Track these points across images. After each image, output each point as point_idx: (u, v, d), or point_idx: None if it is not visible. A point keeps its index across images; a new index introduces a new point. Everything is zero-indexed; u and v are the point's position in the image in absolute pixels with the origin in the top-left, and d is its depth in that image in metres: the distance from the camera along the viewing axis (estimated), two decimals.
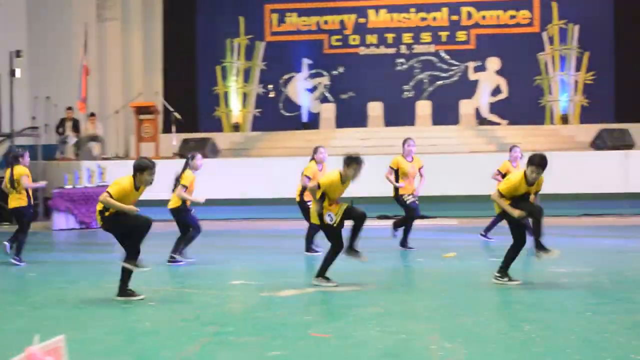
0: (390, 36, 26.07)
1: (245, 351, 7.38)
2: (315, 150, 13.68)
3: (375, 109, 25.07)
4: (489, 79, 25.76)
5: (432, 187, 12.66)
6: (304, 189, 13.38)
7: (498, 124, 24.91)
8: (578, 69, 25.40)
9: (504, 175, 13.73)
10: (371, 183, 15.45)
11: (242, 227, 18.29)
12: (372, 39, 26.16)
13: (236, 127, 26.09)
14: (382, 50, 26.17)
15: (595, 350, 7.22)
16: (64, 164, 20.39)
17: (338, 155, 20.51)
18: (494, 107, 25.53)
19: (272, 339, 7.80)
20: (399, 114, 24.76)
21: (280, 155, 21.83)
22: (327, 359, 7.10)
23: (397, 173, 13.73)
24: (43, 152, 20.73)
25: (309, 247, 13.50)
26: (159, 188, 14.25)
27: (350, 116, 25.21)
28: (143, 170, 9.71)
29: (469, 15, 25.85)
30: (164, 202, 12.95)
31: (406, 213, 13.88)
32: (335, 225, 10.30)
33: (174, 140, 21.35)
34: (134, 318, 8.91)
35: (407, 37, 26.02)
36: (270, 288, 10.29)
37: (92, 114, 22.25)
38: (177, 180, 12.65)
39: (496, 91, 25.70)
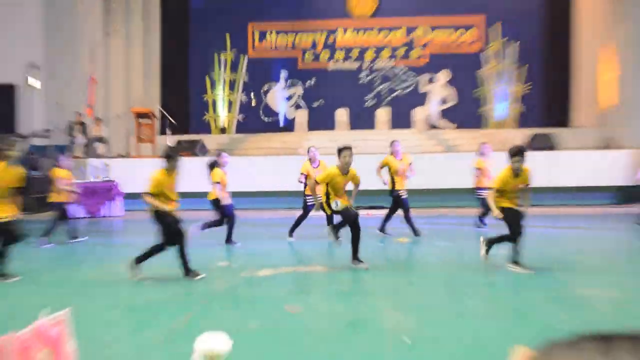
0: (355, 53, 26.10)
1: (228, 322, 7.40)
2: (308, 150, 13.80)
3: (342, 115, 25.10)
4: (439, 90, 25.84)
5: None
6: (306, 184, 13.51)
7: (446, 128, 24.98)
8: (516, 81, 25.53)
9: (480, 170, 13.94)
10: None
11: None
12: (339, 55, 26.18)
13: (223, 130, 26.05)
14: (348, 65, 26.19)
15: (525, 319, 7.32)
16: (74, 162, 20.27)
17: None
18: (443, 114, 25.62)
19: (251, 312, 7.84)
20: (362, 120, 24.83)
21: (260, 155, 21.82)
22: (299, 329, 7.14)
23: (390, 171, 13.84)
24: (55, 151, 20.62)
25: (291, 233, 13.61)
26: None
27: (321, 121, 25.25)
28: (169, 157, 9.77)
29: (423, 35, 25.90)
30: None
31: (392, 205, 14.00)
32: (340, 209, 10.15)
33: (169, 141, 21.31)
34: (131, 294, 8.93)
35: (369, 54, 26.07)
36: (251, 269, 10.32)
37: (98, 118, 22.23)
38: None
39: (445, 100, 25.77)
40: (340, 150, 10.35)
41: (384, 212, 14.64)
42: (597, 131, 22.17)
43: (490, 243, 10.35)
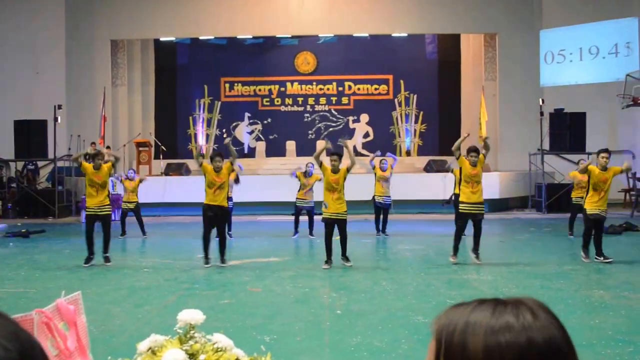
0: (300, 99, 26.18)
1: (206, 300, 7.39)
2: (306, 165, 13.54)
3: (290, 145, 25.13)
4: (362, 127, 26.05)
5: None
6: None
7: (367, 155, 25.19)
8: (416, 122, 25.91)
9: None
10: (281, 189, 15.55)
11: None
12: (289, 101, 26.22)
13: (202, 156, 25.88)
14: (295, 108, 26.26)
15: (425, 297, 7.45)
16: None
17: (267, 174, 20.66)
18: (365, 145, 25.84)
19: (223, 292, 7.83)
20: (306, 149, 24.85)
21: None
22: (258, 304, 7.16)
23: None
24: (75, 172, 20.33)
25: (311, 232, 13.23)
26: (150, 195, 14.16)
27: (275, 150, 25.24)
28: (211, 158, 9.84)
29: (349, 87, 26.15)
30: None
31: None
32: (323, 216, 9.52)
33: (161, 164, 21.13)
34: (133, 279, 8.84)
35: (310, 100, 26.17)
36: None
37: (108, 147, 21.91)
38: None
39: (366, 135, 26.00)
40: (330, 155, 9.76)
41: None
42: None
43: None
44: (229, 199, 10.46)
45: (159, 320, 6.37)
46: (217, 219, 9.77)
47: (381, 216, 13.64)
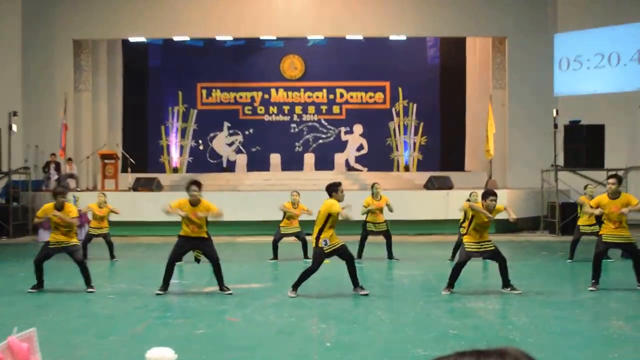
0: (286, 108, 26.30)
1: (179, 330, 7.38)
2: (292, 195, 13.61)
3: (275, 158, 25.20)
4: (355, 139, 26.17)
5: (315, 214, 12.77)
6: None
7: (361, 170, 25.29)
8: (415, 133, 26.06)
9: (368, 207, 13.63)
10: (264, 207, 15.55)
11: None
12: (273, 109, 26.33)
13: (175, 170, 25.88)
14: (280, 117, 26.36)
15: (424, 327, 7.46)
16: (48, 194, 19.88)
17: (247, 190, 20.71)
18: (358, 159, 25.95)
19: (198, 321, 7.81)
20: (292, 163, 24.97)
21: (207, 191, 21.60)
22: (237, 336, 7.15)
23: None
24: (32, 186, 20.25)
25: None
26: (122, 212, 14.14)
27: (257, 163, 25.30)
28: (187, 188, 9.71)
29: (341, 95, 26.29)
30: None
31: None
32: (325, 251, 9.29)
33: (129, 178, 21.10)
34: (97, 306, 8.80)
35: (298, 109, 26.29)
36: (198, 286, 10.27)
37: (70, 159, 21.95)
38: None
39: (360, 148, 26.11)
40: (334, 187, 9.35)
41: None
42: (484, 175, 22.69)
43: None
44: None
45: (126, 352, 6.35)
46: (196, 245, 9.83)
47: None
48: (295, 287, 9.45)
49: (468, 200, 12.88)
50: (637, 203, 9.69)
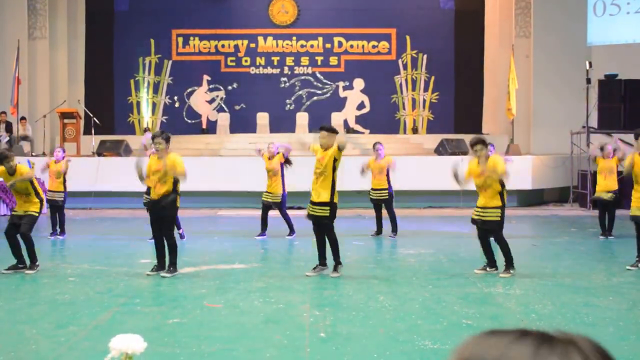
0: (275, 59, 26.10)
1: (149, 318, 7.38)
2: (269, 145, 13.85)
3: (262, 118, 25.09)
4: (355, 96, 26.04)
5: (307, 183, 12.73)
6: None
7: (361, 132, 25.21)
8: (426, 90, 25.94)
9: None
10: (250, 175, 15.50)
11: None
12: (260, 61, 26.14)
13: (146, 131, 25.78)
14: (269, 70, 26.18)
15: (435, 316, 7.47)
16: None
17: (230, 156, 20.65)
18: (359, 119, 25.85)
19: (172, 309, 7.81)
20: (282, 123, 24.85)
21: (184, 155, 21.58)
22: (218, 325, 7.14)
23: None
24: None
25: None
26: (78, 182, 14.08)
27: (242, 124, 25.20)
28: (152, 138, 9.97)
29: (340, 44, 26.09)
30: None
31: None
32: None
33: (93, 141, 21.01)
34: (55, 291, 8.77)
35: (289, 60, 26.10)
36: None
37: (23, 118, 21.84)
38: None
39: (361, 106, 25.99)
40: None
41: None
42: (506, 138, 22.64)
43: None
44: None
45: (88, 345, 6.34)
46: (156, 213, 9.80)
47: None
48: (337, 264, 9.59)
49: None
50: None
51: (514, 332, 1.00)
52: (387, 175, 13.69)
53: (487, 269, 9.69)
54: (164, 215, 9.69)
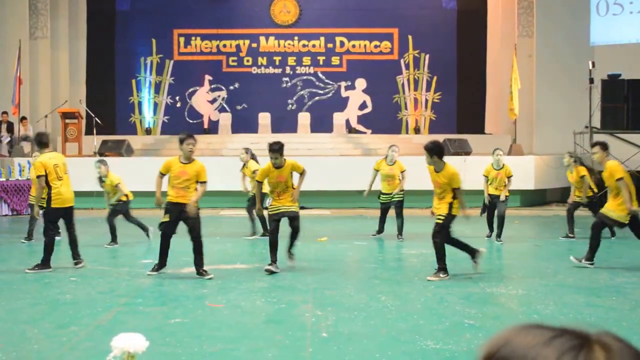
0: (277, 59, 26.12)
1: (151, 318, 7.38)
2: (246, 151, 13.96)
3: (264, 118, 25.11)
4: (357, 96, 26.04)
5: (310, 183, 12.66)
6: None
7: (363, 132, 25.21)
8: (428, 89, 25.94)
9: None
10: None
11: (153, 214, 18.07)
12: (262, 60, 26.15)
13: (148, 131, 25.79)
14: (271, 70, 26.20)
15: (437, 316, 7.46)
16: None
17: (232, 156, 20.62)
18: (361, 119, 25.84)
19: (174, 308, 7.81)
20: (284, 123, 24.88)
21: None
22: (220, 325, 7.14)
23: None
24: None
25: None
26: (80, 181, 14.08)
27: (243, 124, 25.22)
28: (182, 141, 9.95)
29: (342, 44, 26.10)
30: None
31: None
32: (271, 212, 10.08)
33: (95, 141, 21.02)
34: (57, 291, 8.78)
35: (291, 60, 26.11)
36: (174, 266, 10.24)
37: (24, 118, 21.87)
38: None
39: (363, 106, 25.99)
40: (269, 149, 9.99)
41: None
42: (508, 138, 22.63)
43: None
44: None
45: (89, 345, 6.34)
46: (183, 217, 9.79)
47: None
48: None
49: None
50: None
51: (553, 329, 0.97)
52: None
53: (475, 260, 9.78)
54: (195, 224, 9.73)
